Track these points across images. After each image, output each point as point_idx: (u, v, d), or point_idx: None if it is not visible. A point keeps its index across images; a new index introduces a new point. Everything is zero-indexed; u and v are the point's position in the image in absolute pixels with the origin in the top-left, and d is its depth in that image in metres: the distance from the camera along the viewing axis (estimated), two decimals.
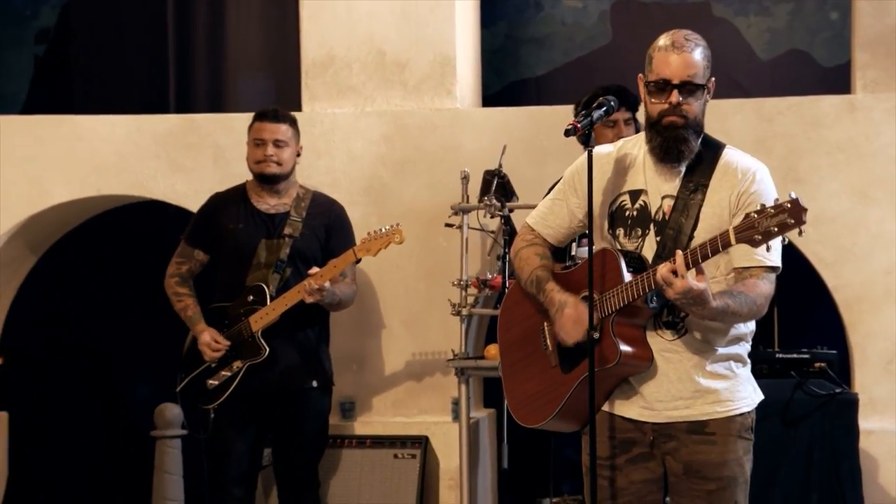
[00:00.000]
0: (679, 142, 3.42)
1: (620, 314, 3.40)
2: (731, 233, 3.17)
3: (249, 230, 5.02)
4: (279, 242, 5.00)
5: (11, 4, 6.72)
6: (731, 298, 3.32)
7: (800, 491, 4.53)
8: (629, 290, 3.36)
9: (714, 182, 3.45)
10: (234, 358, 4.91)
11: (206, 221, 5.13)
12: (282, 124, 5.03)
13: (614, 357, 3.39)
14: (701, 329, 3.45)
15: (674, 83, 3.39)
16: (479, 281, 5.15)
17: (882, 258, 5.44)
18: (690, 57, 3.40)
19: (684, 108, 3.40)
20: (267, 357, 4.88)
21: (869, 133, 5.47)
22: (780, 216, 3.10)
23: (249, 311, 4.92)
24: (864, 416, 4.89)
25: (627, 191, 3.54)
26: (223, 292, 5.05)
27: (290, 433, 5.02)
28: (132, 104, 6.31)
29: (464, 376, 5.22)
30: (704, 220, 3.42)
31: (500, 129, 5.60)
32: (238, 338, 4.91)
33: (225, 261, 5.07)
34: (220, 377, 4.91)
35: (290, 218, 5.03)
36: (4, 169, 5.94)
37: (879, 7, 5.51)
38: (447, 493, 5.54)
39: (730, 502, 3.48)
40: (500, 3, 6.48)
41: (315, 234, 5.07)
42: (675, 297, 3.21)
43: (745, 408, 3.51)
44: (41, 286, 6.55)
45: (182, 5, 6.76)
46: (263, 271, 4.97)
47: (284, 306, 4.90)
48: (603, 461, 3.53)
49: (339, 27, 5.88)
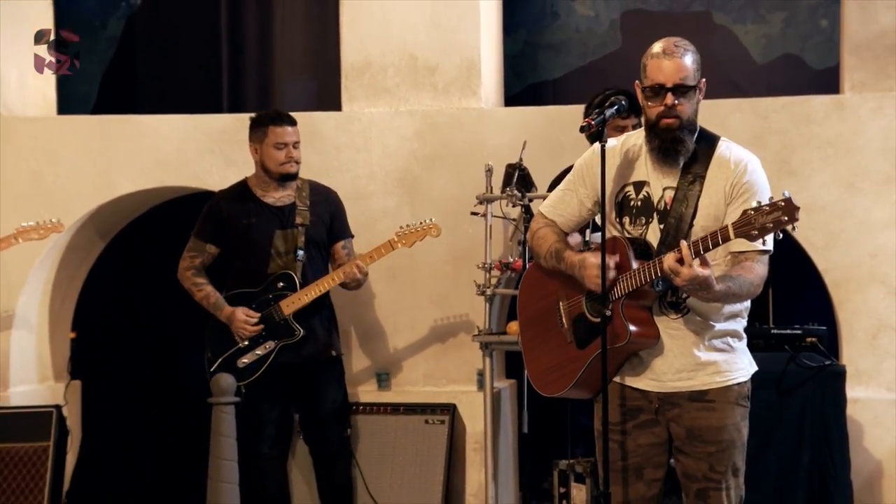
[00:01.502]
0: (676, 143, 3.43)
1: (629, 297, 3.42)
2: (731, 229, 3.20)
3: (263, 223, 5.04)
4: (294, 232, 5.04)
5: (84, 17, 6.75)
6: (731, 282, 3.34)
7: (792, 453, 4.53)
8: (637, 276, 3.39)
9: (710, 173, 3.46)
10: (266, 339, 4.93)
11: (216, 218, 5.14)
12: (296, 126, 5.07)
13: (625, 336, 3.41)
14: (701, 309, 3.47)
15: (667, 86, 3.40)
16: (501, 264, 5.14)
17: (867, 243, 5.42)
18: (681, 61, 3.41)
19: (678, 108, 3.41)
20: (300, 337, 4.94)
21: (856, 129, 5.44)
22: (775, 213, 3.13)
23: (280, 297, 4.96)
24: (851, 386, 4.88)
25: (632, 182, 3.55)
26: (241, 281, 5.06)
27: (316, 401, 5.07)
28: (189, 104, 6.31)
29: (488, 350, 5.22)
30: (702, 209, 3.44)
31: (521, 126, 5.58)
32: (269, 320, 4.94)
33: (241, 253, 5.09)
34: (252, 356, 4.96)
35: (298, 208, 5.07)
36: (76, 163, 5.99)
37: (866, 15, 5.48)
38: (473, 455, 5.55)
39: (728, 463, 3.50)
40: (520, 12, 6.46)
41: (322, 221, 5.12)
42: (683, 283, 3.23)
43: (742, 378, 3.53)
44: (109, 269, 6.58)
45: (233, 15, 6.76)
46: (284, 259, 5.01)
47: (318, 292, 4.94)
48: (614, 426, 3.54)
49: (375, 34, 5.87)
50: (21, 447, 5.50)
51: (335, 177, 5.46)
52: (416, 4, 5.85)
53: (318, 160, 5.53)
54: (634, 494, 3.55)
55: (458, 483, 5.57)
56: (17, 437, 5.51)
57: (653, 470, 3.56)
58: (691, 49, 3.46)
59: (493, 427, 5.30)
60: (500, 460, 5.47)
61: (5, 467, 5.47)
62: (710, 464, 3.49)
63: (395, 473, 5.44)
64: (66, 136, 6.04)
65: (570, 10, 6.49)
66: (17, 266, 5.85)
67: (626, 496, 3.55)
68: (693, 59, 3.44)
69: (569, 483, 4.91)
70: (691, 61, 3.43)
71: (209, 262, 5.15)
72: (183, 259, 5.14)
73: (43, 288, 6.12)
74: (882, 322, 5.39)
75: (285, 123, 5.03)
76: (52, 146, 6.00)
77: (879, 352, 5.37)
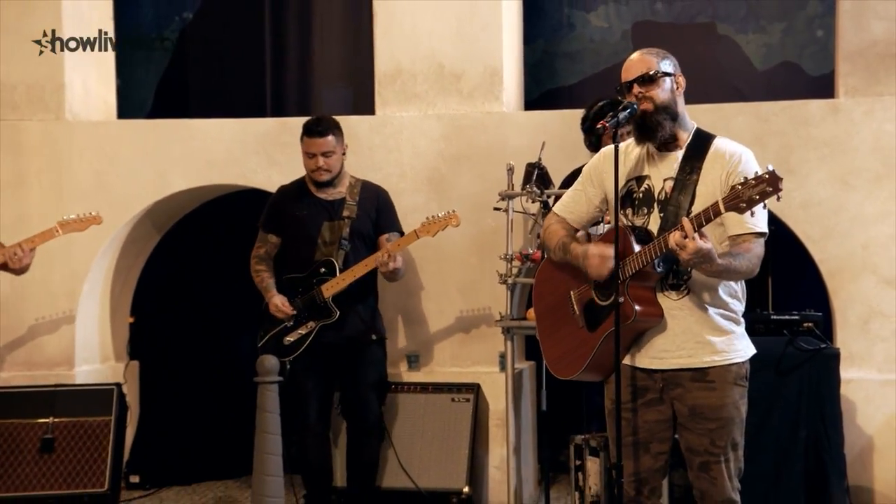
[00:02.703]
0: (651, 123, 3.48)
1: (633, 279, 3.43)
2: (721, 202, 3.21)
3: (313, 215, 5.05)
4: (340, 224, 5.04)
5: (142, 30, 6.79)
6: (732, 258, 3.35)
7: (790, 429, 4.51)
8: (642, 256, 3.40)
9: (706, 165, 3.47)
10: (308, 319, 4.98)
11: (276, 211, 5.17)
12: (327, 137, 4.99)
13: (631, 314, 3.41)
14: (701, 290, 3.47)
15: (631, 80, 3.51)
16: (521, 255, 5.13)
17: (860, 236, 5.39)
18: (641, 57, 3.54)
19: (649, 94, 3.47)
20: (337, 318, 4.93)
21: (850, 131, 5.41)
22: (760, 186, 3.13)
23: (321, 281, 4.97)
24: (845, 367, 4.84)
25: (634, 177, 3.57)
26: (293, 266, 5.08)
27: (356, 380, 5.08)
28: (236, 109, 6.33)
29: (509, 334, 5.21)
30: (700, 197, 3.43)
31: (539, 129, 5.57)
32: (311, 303, 4.97)
33: (293, 242, 5.11)
34: (296, 335, 4.99)
35: (347, 203, 5.07)
36: (134, 163, 6.01)
37: (859, 26, 5.45)
38: (495, 431, 5.55)
39: (728, 438, 3.50)
40: (538, 24, 6.44)
41: (368, 215, 5.10)
42: (688, 257, 3.22)
43: (739, 358, 3.52)
44: (164, 259, 6.60)
45: (276, 28, 6.77)
46: (329, 248, 5.03)
47: (353, 277, 4.95)
48: (623, 405, 3.54)
49: (405, 44, 5.87)
50: (86, 421, 5.54)
51: (369, 175, 5.45)
52: (444, 17, 5.84)
53: (354, 160, 5.53)
54: (643, 466, 3.56)
55: (481, 456, 5.57)
56: (83, 412, 5.54)
57: (659, 444, 3.57)
58: (655, 52, 3.56)
59: (514, 405, 5.30)
60: (521, 435, 5.47)
61: (72, 439, 5.50)
62: (711, 439, 3.49)
63: (424, 447, 5.44)
64: (125, 138, 6.06)
65: (585, 21, 6.47)
66: (81, 257, 5.90)
67: (635, 468, 3.55)
68: (658, 56, 3.53)
69: (584, 456, 4.91)
70: (655, 56, 3.52)
71: (273, 252, 5.16)
72: (253, 249, 5.18)
73: (104, 277, 6.15)
74: (873, 309, 5.36)
75: (313, 135, 4.98)
76: (113, 148, 6.03)
77: (871, 336, 5.34)
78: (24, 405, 5.52)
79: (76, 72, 6.06)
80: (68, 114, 6.02)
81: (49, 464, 5.45)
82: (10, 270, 5.03)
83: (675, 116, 3.50)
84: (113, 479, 5.50)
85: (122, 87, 6.52)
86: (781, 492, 4.47)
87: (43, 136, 5.98)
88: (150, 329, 6.56)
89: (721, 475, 3.49)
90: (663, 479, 3.66)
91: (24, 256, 4.98)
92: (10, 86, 5.99)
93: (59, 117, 6.00)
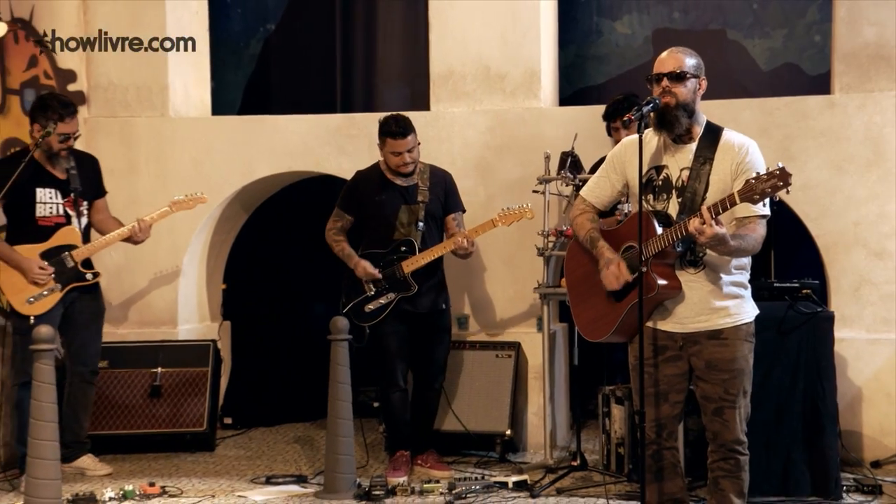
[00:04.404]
0: (671, 117, 3.44)
1: (656, 258, 3.43)
2: (736, 195, 3.23)
3: (391, 199, 5.00)
4: (415, 207, 5.01)
5: (231, 39, 6.81)
6: (741, 239, 3.36)
7: (790, 382, 4.48)
8: (664, 238, 3.40)
9: (718, 155, 3.45)
10: (388, 290, 4.95)
11: (354, 193, 5.11)
12: (408, 136, 4.93)
13: (654, 288, 3.43)
14: (714, 265, 3.47)
15: (663, 73, 3.45)
16: (556, 231, 5.13)
17: (852, 214, 5.33)
18: (674, 55, 3.48)
19: (674, 90, 3.43)
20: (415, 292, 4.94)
21: (844, 123, 5.34)
22: (772, 181, 3.15)
23: (402, 258, 4.95)
24: (838, 328, 4.80)
25: (653, 167, 3.55)
26: (372, 244, 5.03)
27: (430, 343, 5.07)
28: (311, 106, 6.36)
29: (545, 300, 5.22)
30: (713, 185, 3.43)
31: (572, 122, 5.54)
32: (391, 276, 4.95)
33: (372, 222, 5.05)
34: (376, 304, 4.96)
35: (419, 188, 5.03)
36: (226, 153, 6.07)
37: (852, 31, 5.37)
38: (533, 383, 5.57)
39: (739, 387, 3.51)
40: (571, 31, 6.40)
41: (438, 198, 5.07)
42: (706, 241, 3.25)
43: (748, 319, 3.54)
44: (252, 234, 6.65)
45: (345, 36, 6.77)
46: (407, 228, 4.99)
47: (432, 257, 4.94)
48: (646, 360, 3.56)
49: (456, 49, 5.86)
50: (187, 371, 5.63)
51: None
52: (489, 25, 5.82)
53: None
54: (662, 413, 3.57)
55: (521, 404, 5.58)
56: (184, 364, 5.65)
57: (676, 394, 3.57)
58: (689, 53, 3.50)
59: (549, 360, 5.31)
60: (555, 387, 5.48)
61: (176, 386, 5.60)
62: (725, 388, 3.49)
63: (472, 396, 5.46)
64: (218, 132, 6.12)
65: (612, 29, 6.43)
66: (182, 233, 5.98)
67: (656, 415, 3.56)
68: (688, 56, 3.48)
69: (610, 404, 4.92)
70: (685, 56, 3.47)
71: (348, 227, 5.09)
72: (328, 223, 5.11)
73: (201, 249, 6.23)
74: (863, 277, 5.31)
75: (397, 137, 4.91)
76: (208, 140, 6.09)
77: (861, 301, 5.30)
78: (136, 357, 5.63)
79: (177, 76, 6.13)
80: (171, 111, 6.09)
81: (156, 407, 5.55)
82: (133, 242, 5.14)
83: (691, 113, 3.48)
84: (210, 420, 5.59)
85: (215, 89, 6.57)
86: (782, 434, 4.46)
87: (150, 130, 6.06)
88: (240, 294, 6.63)
89: (733, 419, 3.50)
90: (679, 425, 3.67)
91: (145, 231, 5.09)
92: (123, 88, 6.07)
93: (163, 114, 6.07)
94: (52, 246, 4.93)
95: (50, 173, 4.96)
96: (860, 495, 4.51)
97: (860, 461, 5.06)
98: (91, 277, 5.03)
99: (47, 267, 4.87)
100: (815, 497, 4.44)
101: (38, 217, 4.93)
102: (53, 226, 4.96)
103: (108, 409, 5.51)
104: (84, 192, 5.03)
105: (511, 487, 4.65)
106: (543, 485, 4.69)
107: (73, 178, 4.97)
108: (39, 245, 4.92)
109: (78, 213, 5.00)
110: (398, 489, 4.62)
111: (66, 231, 4.97)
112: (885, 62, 5.34)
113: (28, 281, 4.85)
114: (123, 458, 5.38)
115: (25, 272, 4.83)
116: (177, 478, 4.99)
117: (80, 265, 4.98)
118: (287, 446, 5.76)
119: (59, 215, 4.97)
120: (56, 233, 4.95)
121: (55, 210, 4.96)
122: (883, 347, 5.23)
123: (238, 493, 4.67)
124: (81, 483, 4.87)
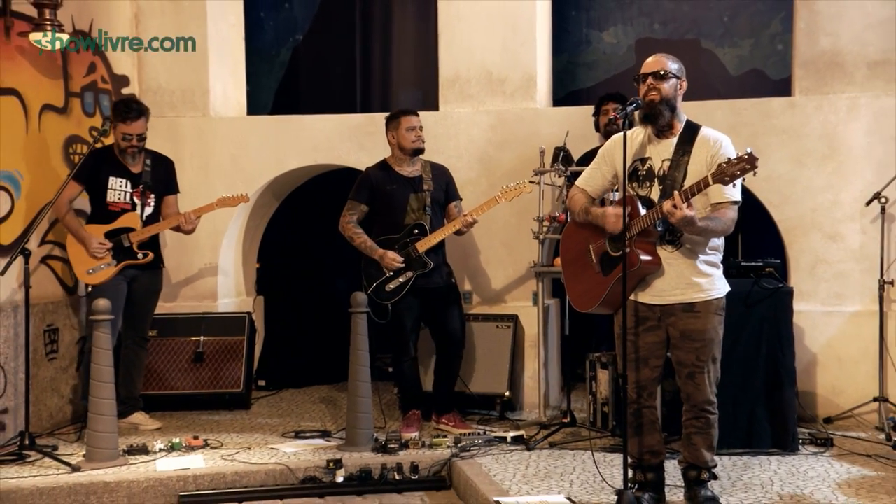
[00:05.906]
0: (656, 111, 3.45)
1: (639, 236, 3.44)
2: (710, 176, 3.25)
3: (401, 189, 4.99)
4: (422, 195, 5.00)
5: (264, 47, 6.81)
6: (710, 221, 3.38)
7: (754, 348, 4.49)
8: (645, 219, 3.41)
9: (695, 148, 3.46)
10: (406, 270, 4.93)
11: (368, 186, 5.04)
12: (419, 116, 5.03)
13: (636, 263, 3.43)
14: (690, 245, 3.47)
15: (648, 73, 3.46)
16: (550, 217, 5.13)
17: (809, 202, 5.34)
18: (659, 59, 3.50)
19: (658, 87, 3.43)
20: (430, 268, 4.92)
21: (803, 122, 5.34)
22: (741, 164, 3.16)
23: (416, 240, 4.94)
24: (797, 301, 4.79)
25: (638, 158, 3.56)
26: (385, 230, 4.99)
27: (448, 313, 5.04)
28: (334, 107, 6.36)
29: (540, 277, 5.23)
30: (690, 174, 3.43)
31: (564, 121, 5.53)
32: (408, 257, 4.93)
33: (385, 209, 5.01)
34: (396, 282, 4.93)
35: (424, 178, 5.03)
36: (259, 148, 6.06)
37: (811, 41, 5.36)
38: (530, 351, 5.57)
39: (709, 354, 3.51)
40: (564, 40, 6.40)
41: (441, 187, 5.07)
42: (676, 221, 3.28)
43: (719, 294, 3.54)
44: (282, 220, 6.64)
45: (364, 45, 6.77)
46: (417, 214, 4.98)
47: (443, 235, 4.93)
48: (628, 329, 3.55)
49: (462, 56, 5.84)
50: (226, 339, 5.65)
51: (434, 157, 5.45)
52: (492, 35, 5.80)
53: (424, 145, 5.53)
54: (642, 377, 3.58)
55: (518, 370, 5.59)
56: (223, 333, 5.66)
57: (655, 360, 3.58)
58: (671, 58, 3.51)
59: (543, 331, 5.32)
60: (549, 354, 5.49)
61: (217, 352, 5.62)
62: (697, 355, 3.50)
63: (475, 362, 5.46)
64: (253, 130, 6.11)
65: (599, 39, 6.42)
66: (221, 219, 5.97)
67: (637, 378, 3.58)
68: (670, 60, 3.48)
69: (596, 369, 4.93)
70: (668, 60, 3.49)
71: (361, 218, 5.05)
72: (343, 215, 5.06)
73: (238, 233, 6.23)
74: (819, 257, 5.31)
75: (411, 114, 5.01)
76: (244, 137, 6.08)
77: (816, 279, 5.30)
78: (181, 327, 5.66)
79: (217, 80, 6.12)
80: (211, 112, 6.08)
81: (199, 370, 5.57)
82: (183, 231, 5.18)
83: (673, 108, 3.49)
84: (246, 382, 5.61)
85: (250, 92, 6.56)
86: (747, 394, 4.47)
87: (193, 128, 6.06)
88: (271, 272, 6.63)
89: (703, 382, 3.51)
90: (657, 387, 3.68)
91: (192, 222, 5.13)
92: (170, 91, 6.07)
93: (204, 114, 6.06)
94: (115, 227, 5.04)
95: (124, 166, 5.08)
96: (814, 447, 4.53)
97: (815, 417, 5.09)
98: (142, 257, 5.07)
99: (106, 243, 4.99)
100: (775, 449, 4.46)
101: (108, 202, 5.06)
102: (120, 211, 5.07)
103: (157, 372, 5.54)
104: (153, 186, 5.13)
105: (509, 442, 4.67)
106: (538, 439, 4.71)
107: (146, 173, 5.11)
108: (105, 226, 5.04)
109: (144, 202, 5.10)
110: (411, 443, 4.64)
111: (128, 216, 5.07)
112: (839, 68, 5.32)
113: (88, 254, 4.97)
114: (171, 415, 5.41)
115: (87, 246, 4.98)
116: (217, 432, 5.02)
117: (135, 245, 5.03)
118: (313, 405, 5.77)
119: (126, 202, 5.08)
120: (120, 217, 5.06)
121: (123, 197, 5.07)
122: (835, 319, 5.24)
123: (271, 446, 4.70)
124: (135, 436, 4.90)
